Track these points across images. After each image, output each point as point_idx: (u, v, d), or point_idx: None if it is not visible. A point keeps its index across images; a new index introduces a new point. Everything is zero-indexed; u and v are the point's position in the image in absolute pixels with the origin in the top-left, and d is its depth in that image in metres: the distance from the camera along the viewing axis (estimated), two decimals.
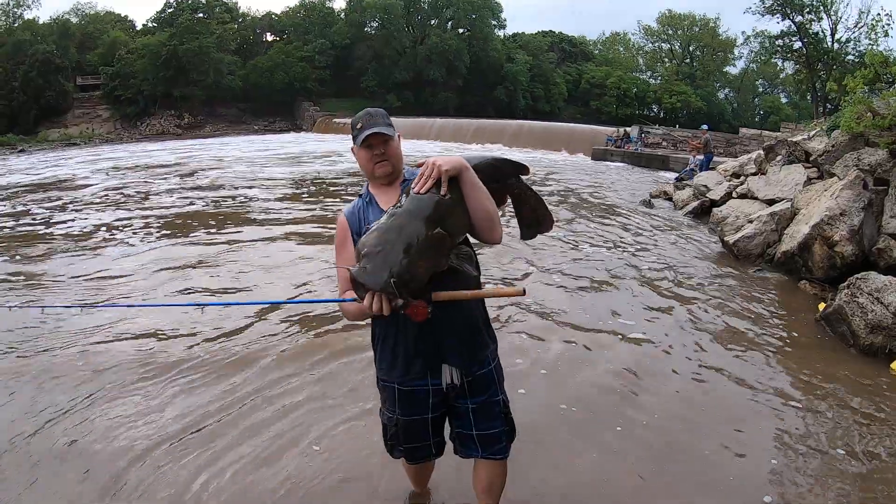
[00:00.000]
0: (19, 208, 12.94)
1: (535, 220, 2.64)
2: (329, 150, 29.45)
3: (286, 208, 12.51)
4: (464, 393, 2.34)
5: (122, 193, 14.99)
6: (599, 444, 3.67)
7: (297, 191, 15.61)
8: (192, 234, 9.91)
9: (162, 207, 12.63)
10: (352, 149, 2.32)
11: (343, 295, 2.21)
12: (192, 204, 13.05)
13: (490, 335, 2.42)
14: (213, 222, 10.85)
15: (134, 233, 9.97)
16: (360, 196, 2.37)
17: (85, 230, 10.27)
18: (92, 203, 13.49)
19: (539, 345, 5.20)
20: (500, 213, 2.22)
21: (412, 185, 2.06)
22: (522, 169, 2.55)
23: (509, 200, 2.57)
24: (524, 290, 2.19)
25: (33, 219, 11.54)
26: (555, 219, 2.75)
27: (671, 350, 5.21)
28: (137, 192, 15.08)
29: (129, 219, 11.27)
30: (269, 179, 17.81)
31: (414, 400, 2.34)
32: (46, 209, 12.62)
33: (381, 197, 2.30)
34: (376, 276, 1.85)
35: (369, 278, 1.86)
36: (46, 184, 17.84)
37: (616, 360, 4.93)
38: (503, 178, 2.48)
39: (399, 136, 2.31)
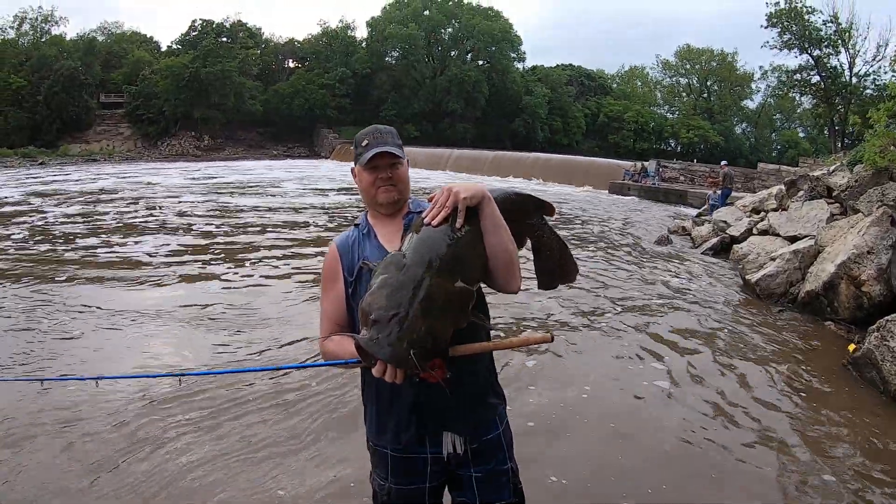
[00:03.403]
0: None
1: (556, 268, 2.25)
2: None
3: None
4: (467, 461, 1.98)
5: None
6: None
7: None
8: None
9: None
10: (352, 170, 2.02)
11: (327, 339, 1.95)
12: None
13: (497, 392, 2.08)
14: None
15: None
16: (357, 226, 2.05)
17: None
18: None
19: (546, 385, 4.98)
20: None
21: (424, 215, 1.76)
22: (546, 208, 2.19)
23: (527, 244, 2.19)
24: (552, 336, 1.85)
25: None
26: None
27: (690, 394, 4.95)
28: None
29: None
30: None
31: (410, 469, 1.97)
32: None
33: (381, 229, 1.99)
34: (391, 348, 1.51)
35: (383, 352, 1.52)
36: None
37: (631, 405, 4.73)
38: (523, 216, 2.12)
39: (407, 161, 2.00)
